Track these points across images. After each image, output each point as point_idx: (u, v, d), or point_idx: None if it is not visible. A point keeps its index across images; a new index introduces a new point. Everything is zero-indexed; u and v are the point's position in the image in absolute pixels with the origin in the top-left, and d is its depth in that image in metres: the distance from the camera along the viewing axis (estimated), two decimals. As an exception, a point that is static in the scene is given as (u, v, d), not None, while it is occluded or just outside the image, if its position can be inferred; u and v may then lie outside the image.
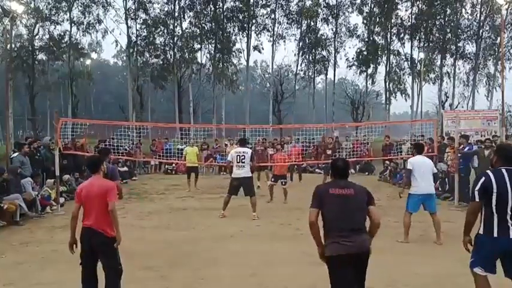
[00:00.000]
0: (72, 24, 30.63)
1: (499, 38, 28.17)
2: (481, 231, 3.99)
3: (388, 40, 31.48)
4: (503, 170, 3.95)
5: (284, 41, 32.10)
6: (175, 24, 30.87)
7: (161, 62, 31.41)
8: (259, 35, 31.40)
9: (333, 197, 3.93)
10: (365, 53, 31.29)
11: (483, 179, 3.97)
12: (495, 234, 3.88)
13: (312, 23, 31.46)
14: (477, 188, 3.95)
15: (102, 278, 4.58)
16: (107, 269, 4.59)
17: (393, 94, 32.19)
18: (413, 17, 30.95)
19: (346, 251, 3.79)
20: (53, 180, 10.97)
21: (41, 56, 31.93)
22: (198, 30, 31.02)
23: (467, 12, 31.31)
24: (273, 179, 12.11)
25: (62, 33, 31.56)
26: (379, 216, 3.99)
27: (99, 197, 4.54)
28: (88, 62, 34.58)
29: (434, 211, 7.59)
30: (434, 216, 7.56)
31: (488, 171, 4.05)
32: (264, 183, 13.52)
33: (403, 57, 32.01)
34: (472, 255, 4.08)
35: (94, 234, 4.52)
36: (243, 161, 9.60)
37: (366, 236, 3.92)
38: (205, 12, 30.92)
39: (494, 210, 3.88)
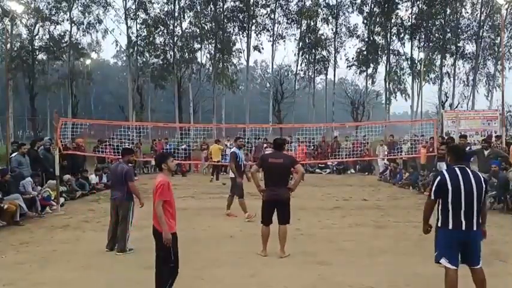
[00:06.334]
0: (72, 24, 30.70)
1: (499, 38, 28.18)
2: (439, 225, 4.38)
3: (388, 40, 31.49)
4: (457, 169, 4.32)
5: (284, 41, 32.23)
6: (175, 24, 30.89)
7: (161, 62, 31.39)
8: (259, 35, 31.47)
9: (270, 163, 6.33)
10: (365, 53, 31.30)
11: (439, 178, 4.34)
12: (450, 227, 4.27)
13: (312, 23, 31.47)
14: (434, 187, 4.32)
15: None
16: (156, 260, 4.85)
17: (393, 94, 32.25)
18: (413, 17, 30.97)
19: (272, 198, 6.33)
20: (54, 180, 10.96)
21: (41, 56, 31.97)
22: (198, 30, 31.01)
23: (467, 12, 31.40)
24: None
25: (62, 33, 31.68)
26: (301, 168, 6.56)
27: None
28: (88, 62, 34.55)
29: None
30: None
31: (443, 171, 4.45)
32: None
33: (403, 57, 32.07)
34: (435, 250, 4.44)
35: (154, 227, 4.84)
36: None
37: (285, 189, 6.32)
38: (205, 12, 30.94)
39: (449, 206, 4.25)
